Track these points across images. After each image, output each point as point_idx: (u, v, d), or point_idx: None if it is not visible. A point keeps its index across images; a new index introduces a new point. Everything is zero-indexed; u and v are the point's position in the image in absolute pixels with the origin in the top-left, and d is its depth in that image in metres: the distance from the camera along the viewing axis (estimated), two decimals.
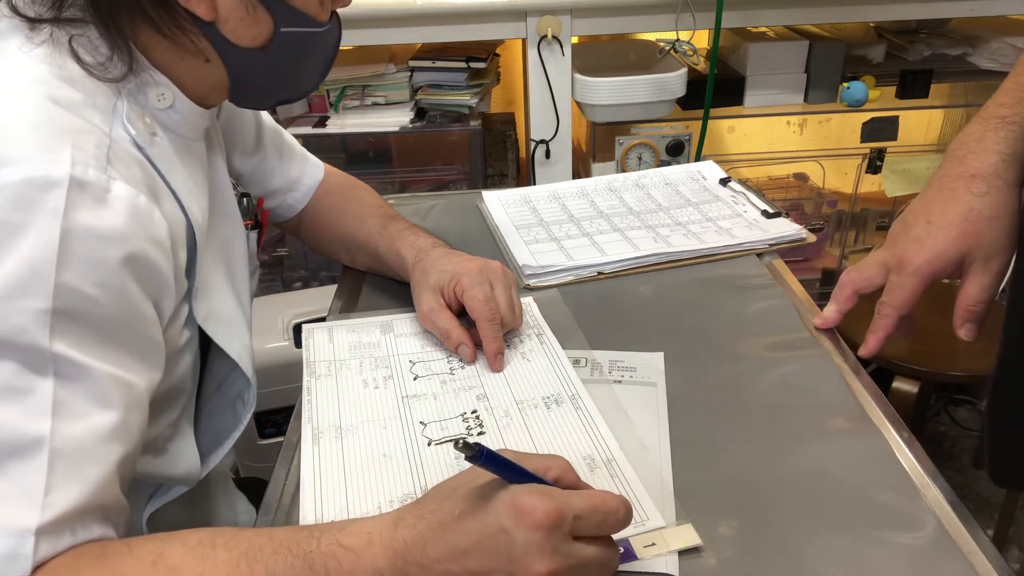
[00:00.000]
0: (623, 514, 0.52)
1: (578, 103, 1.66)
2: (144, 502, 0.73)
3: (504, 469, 0.51)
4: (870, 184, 1.92)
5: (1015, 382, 0.70)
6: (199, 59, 0.65)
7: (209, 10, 0.62)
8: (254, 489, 1.02)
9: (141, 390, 0.58)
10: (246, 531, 0.53)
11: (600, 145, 1.74)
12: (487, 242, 1.05)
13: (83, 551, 0.51)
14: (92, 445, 0.52)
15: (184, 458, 0.72)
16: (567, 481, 0.54)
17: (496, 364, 0.78)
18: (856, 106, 1.72)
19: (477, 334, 0.79)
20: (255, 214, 0.87)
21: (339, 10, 0.72)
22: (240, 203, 0.83)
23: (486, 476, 0.52)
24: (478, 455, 0.48)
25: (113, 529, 0.55)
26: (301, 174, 0.98)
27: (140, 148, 0.61)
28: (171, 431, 0.71)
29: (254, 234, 0.85)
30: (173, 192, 0.64)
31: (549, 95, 1.63)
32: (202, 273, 0.69)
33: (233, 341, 0.73)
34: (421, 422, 0.71)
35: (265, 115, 0.95)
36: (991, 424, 0.73)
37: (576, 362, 0.79)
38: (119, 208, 0.55)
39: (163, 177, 0.63)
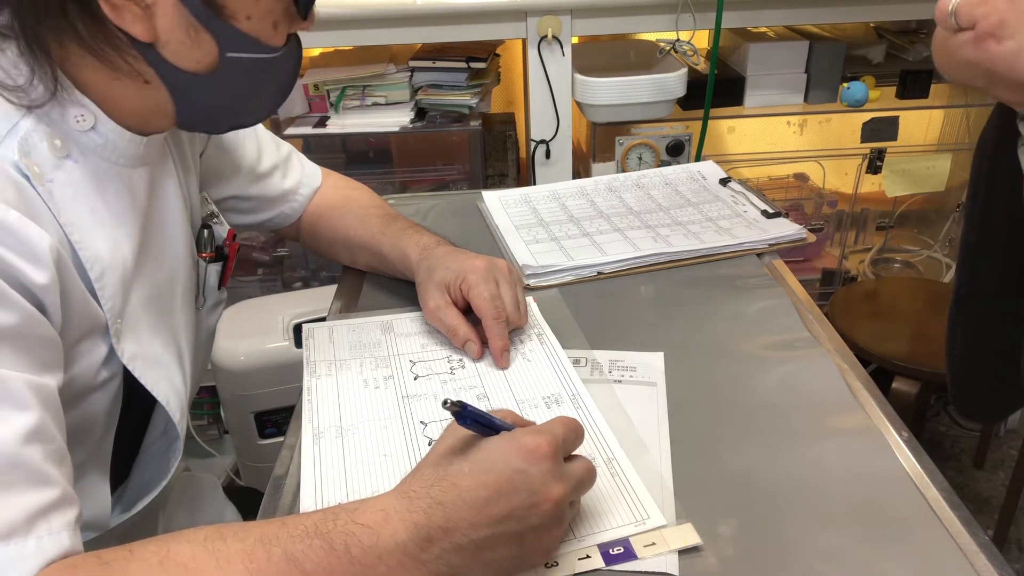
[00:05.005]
0: (581, 431, 0.59)
1: (578, 103, 1.66)
2: None
3: (485, 420, 0.56)
4: (870, 184, 1.92)
5: (967, 316, 0.71)
6: (137, 81, 0.62)
7: (147, 31, 0.58)
8: (247, 500, 1.01)
9: (52, 389, 0.56)
10: (252, 523, 0.53)
11: (600, 145, 1.74)
12: (487, 242, 1.05)
13: (77, 562, 0.50)
14: (13, 449, 0.50)
15: (89, 502, 0.68)
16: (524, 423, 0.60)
17: (502, 361, 0.78)
18: (856, 106, 1.72)
19: (482, 331, 0.79)
20: (219, 246, 0.83)
21: (304, 31, 0.68)
22: (200, 235, 0.80)
23: (464, 435, 0.56)
24: (462, 412, 0.54)
25: (79, 527, 0.53)
26: (298, 184, 0.97)
27: (23, 173, 0.58)
28: (76, 472, 0.66)
29: (215, 267, 0.82)
30: (59, 224, 0.60)
31: (549, 95, 1.63)
32: (129, 311, 0.67)
33: (161, 384, 0.71)
34: (422, 422, 0.71)
35: (262, 130, 0.93)
36: (949, 360, 0.75)
37: (576, 362, 0.79)
38: None
39: (48, 205, 0.59)
